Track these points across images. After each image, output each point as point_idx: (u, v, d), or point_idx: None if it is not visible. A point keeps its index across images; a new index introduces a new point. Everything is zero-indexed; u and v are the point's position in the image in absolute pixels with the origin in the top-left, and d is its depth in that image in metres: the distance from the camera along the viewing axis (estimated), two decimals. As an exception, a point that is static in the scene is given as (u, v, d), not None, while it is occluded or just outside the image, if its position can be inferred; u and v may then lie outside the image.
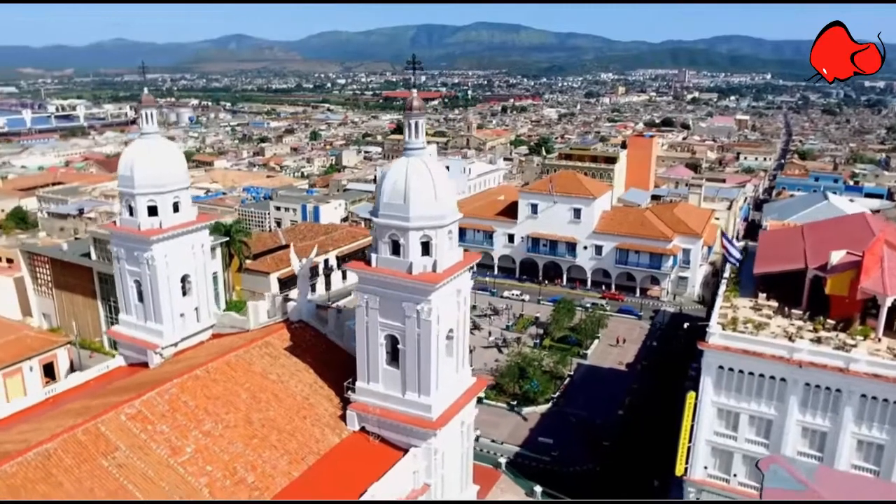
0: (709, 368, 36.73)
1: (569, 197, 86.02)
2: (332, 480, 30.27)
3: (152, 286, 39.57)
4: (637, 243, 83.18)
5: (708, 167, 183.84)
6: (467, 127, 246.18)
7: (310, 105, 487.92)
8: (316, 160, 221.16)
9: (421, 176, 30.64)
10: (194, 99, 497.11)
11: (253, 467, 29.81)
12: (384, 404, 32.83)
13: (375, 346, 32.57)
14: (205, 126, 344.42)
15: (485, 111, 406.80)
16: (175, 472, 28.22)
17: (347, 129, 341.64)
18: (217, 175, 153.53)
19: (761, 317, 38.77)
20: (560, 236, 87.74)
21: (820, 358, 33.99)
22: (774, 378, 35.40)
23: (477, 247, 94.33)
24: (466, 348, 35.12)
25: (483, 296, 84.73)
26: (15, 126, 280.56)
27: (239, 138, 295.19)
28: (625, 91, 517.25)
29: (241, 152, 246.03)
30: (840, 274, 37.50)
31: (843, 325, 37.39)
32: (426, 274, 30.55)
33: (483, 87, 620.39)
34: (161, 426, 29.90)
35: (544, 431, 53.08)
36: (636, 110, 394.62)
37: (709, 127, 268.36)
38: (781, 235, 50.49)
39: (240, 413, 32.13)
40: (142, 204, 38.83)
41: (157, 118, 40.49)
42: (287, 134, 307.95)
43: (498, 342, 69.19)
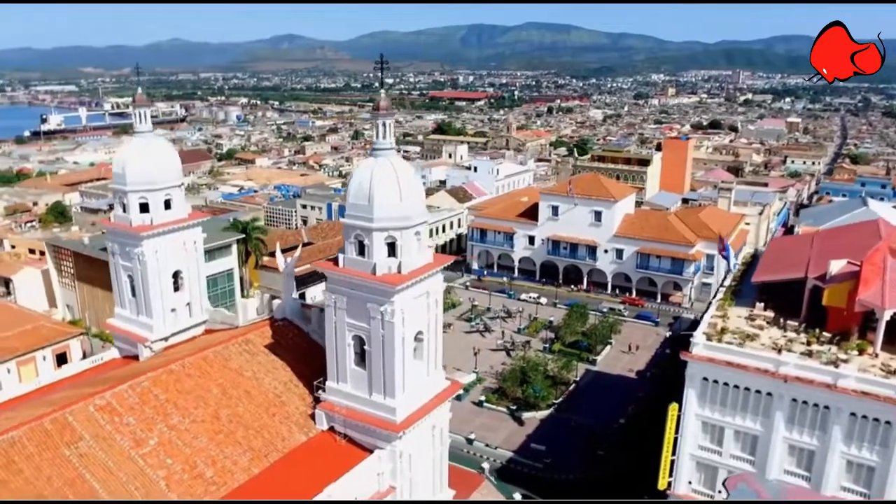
0: (692, 380, 35.42)
1: (590, 199, 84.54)
2: (290, 479, 30.35)
3: (142, 281, 40.48)
4: (658, 248, 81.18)
5: (752, 171, 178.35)
6: (507, 127, 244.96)
7: (356, 104, 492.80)
8: (355, 159, 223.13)
9: (386, 177, 30.43)
10: (244, 98, 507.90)
11: (213, 462, 30.12)
12: (351, 404, 32.79)
13: (343, 347, 32.56)
14: (252, 124, 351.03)
15: (530, 112, 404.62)
16: (135, 463, 28.74)
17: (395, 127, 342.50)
18: (253, 173, 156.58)
19: (754, 327, 37.19)
20: (581, 239, 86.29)
21: (807, 373, 32.37)
22: (760, 392, 33.90)
23: (497, 248, 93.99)
24: (438, 351, 34.75)
25: (499, 298, 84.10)
26: (71, 123, 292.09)
27: (283, 137, 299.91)
28: (675, 92, 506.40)
29: (283, 150, 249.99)
30: (837, 284, 35.71)
31: (839, 339, 35.57)
32: (390, 275, 30.34)
33: (530, 88, 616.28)
34: (128, 418, 30.46)
35: (540, 437, 52.23)
36: (685, 112, 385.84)
37: (757, 129, 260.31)
38: (790, 242, 48.44)
39: (209, 408, 32.50)
40: (133, 201, 39.74)
41: (206, 115, 41.11)
42: (330, 133, 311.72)
43: (506, 345, 68.44)
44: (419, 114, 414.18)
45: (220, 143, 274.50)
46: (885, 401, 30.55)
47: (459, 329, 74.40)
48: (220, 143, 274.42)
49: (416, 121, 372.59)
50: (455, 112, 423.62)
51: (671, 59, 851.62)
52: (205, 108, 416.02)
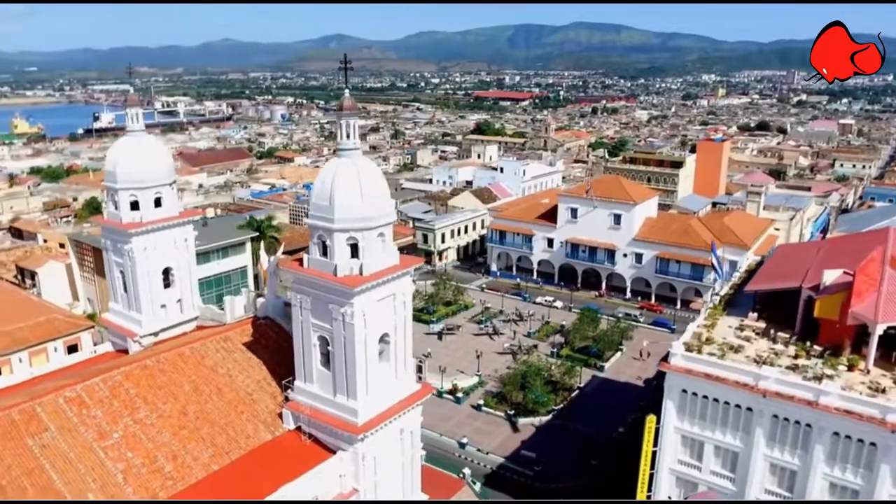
0: (671, 392, 34.22)
1: (609, 202, 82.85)
2: (247, 477, 30.38)
3: (132, 277, 41.24)
4: (678, 252, 78.98)
5: (796, 174, 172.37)
6: (545, 128, 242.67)
7: (400, 104, 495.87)
8: (392, 158, 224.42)
9: (348, 177, 30.20)
10: (290, 97, 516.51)
11: (174, 457, 30.39)
12: (316, 405, 32.70)
13: (309, 347, 32.51)
14: (296, 123, 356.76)
15: (574, 112, 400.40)
16: (95, 455, 29.20)
17: (433, 128, 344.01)
18: (287, 171, 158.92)
19: (741, 338, 35.72)
20: (599, 242, 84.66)
21: (787, 388, 30.85)
22: (740, 407, 32.50)
23: (516, 250, 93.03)
24: (408, 354, 34.34)
25: (514, 300, 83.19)
26: (122, 121, 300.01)
27: (325, 136, 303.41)
28: (725, 93, 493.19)
29: (322, 149, 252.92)
30: (830, 295, 33.96)
31: (830, 353, 33.82)
32: (351, 276, 30.10)
33: (577, 89, 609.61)
34: (96, 411, 31.00)
35: (534, 444, 51.36)
36: (734, 113, 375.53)
37: (807, 131, 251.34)
38: (796, 250, 46.32)
39: (177, 404, 32.82)
40: (124, 198, 40.49)
41: (252, 114, 41.54)
42: (372, 132, 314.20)
43: (513, 348, 67.56)
44: (462, 114, 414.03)
45: (263, 141, 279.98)
46: (869, 421, 28.87)
47: (469, 331, 73.87)
48: (262, 141, 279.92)
49: (458, 121, 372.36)
50: (499, 112, 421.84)
51: (724, 60, 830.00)
52: (251, 107, 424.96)
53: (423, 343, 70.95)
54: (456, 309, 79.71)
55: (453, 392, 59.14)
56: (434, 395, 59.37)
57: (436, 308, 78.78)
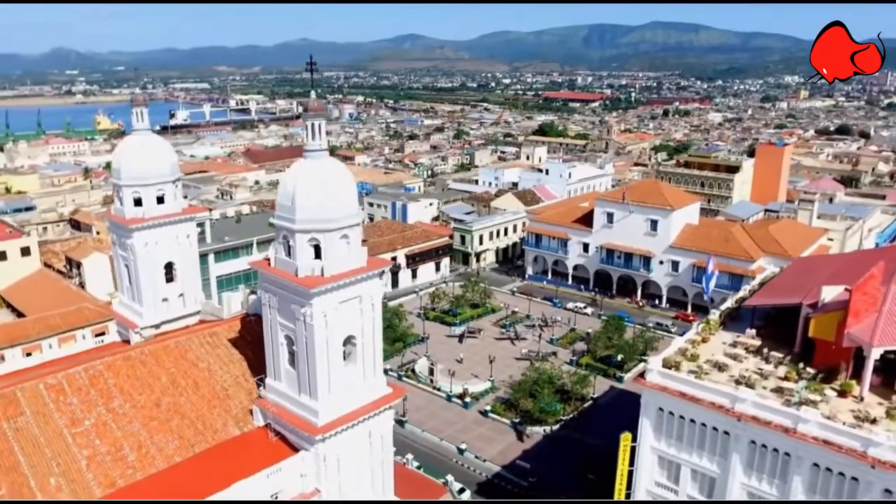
0: (647, 410, 32.68)
1: (645, 207, 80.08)
2: (206, 470, 30.84)
3: (134, 270, 42.71)
4: (716, 261, 75.30)
5: (873, 181, 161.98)
6: (607, 130, 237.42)
7: (469, 104, 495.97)
8: (450, 158, 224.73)
9: (311, 178, 30.25)
10: (360, 96, 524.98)
11: (139, 447, 31.25)
12: (283, 403, 32.96)
13: (277, 346, 32.76)
14: (363, 122, 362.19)
15: (644, 114, 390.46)
16: (63, 441, 30.35)
17: (498, 128, 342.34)
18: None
19: (729, 356, 33.65)
20: (635, 248, 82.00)
21: (764, 413, 28.83)
22: (717, 430, 30.62)
23: (551, 254, 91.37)
24: (377, 356, 34.12)
25: (544, 305, 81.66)
26: (196, 119, 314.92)
27: (390, 135, 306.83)
28: (807, 95, 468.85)
29: (384, 148, 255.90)
30: (825, 314, 31.62)
31: (824, 377, 31.46)
32: (311, 277, 30.11)
33: (650, 90, 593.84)
34: (72, 398, 32.21)
35: (537, 454, 50.21)
36: (815, 116, 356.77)
37: (891, 136, 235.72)
38: (814, 263, 43.32)
39: (152, 395, 33.72)
40: (127, 195, 41.94)
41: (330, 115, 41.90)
42: (436, 132, 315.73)
43: (531, 355, 66.21)
44: (530, 115, 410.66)
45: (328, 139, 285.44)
46: (848, 453, 26.61)
47: (490, 335, 72.98)
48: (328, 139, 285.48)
49: (524, 122, 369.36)
50: (567, 113, 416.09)
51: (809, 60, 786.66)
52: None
53: (444, 346, 70.82)
54: (482, 312, 78.89)
55: (462, 396, 58.50)
56: (443, 399, 59.26)
57: (461, 310, 78.21)
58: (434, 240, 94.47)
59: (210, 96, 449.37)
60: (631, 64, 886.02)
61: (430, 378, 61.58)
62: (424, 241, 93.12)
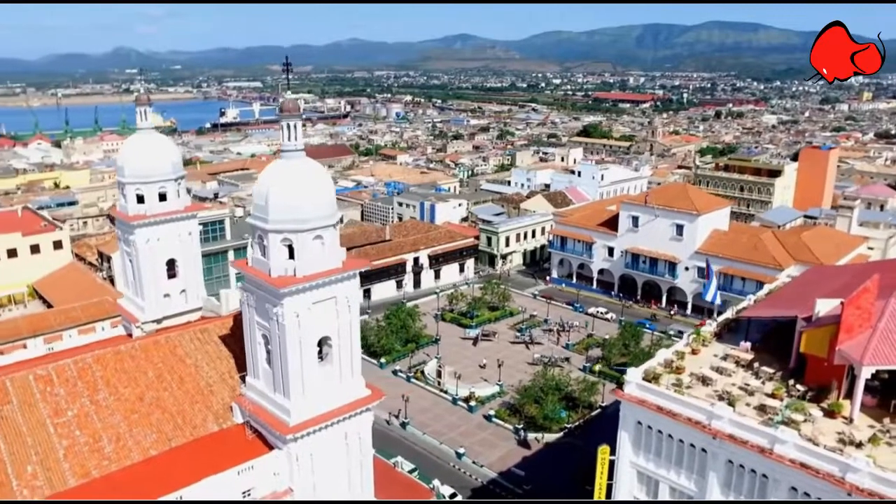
0: (625, 423, 31.60)
1: (671, 211, 77.91)
2: (178, 465, 31.25)
3: (137, 266, 43.77)
4: (743, 269, 72.89)
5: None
6: (651, 131, 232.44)
7: (517, 104, 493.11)
8: (492, 159, 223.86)
9: (285, 179, 30.34)
10: (409, 95, 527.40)
11: (117, 439, 31.94)
12: (259, 401, 33.21)
13: (255, 344, 32.99)
14: (409, 122, 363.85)
15: (695, 116, 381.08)
16: (45, 430, 31.24)
17: (545, 129, 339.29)
18: (377, 169, 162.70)
19: (715, 370, 32.26)
20: (660, 253, 79.88)
21: (741, 431, 27.51)
22: (695, 447, 29.37)
23: (576, 258, 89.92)
24: (355, 358, 33.92)
25: (565, 309, 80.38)
26: (246, 117, 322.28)
27: (435, 134, 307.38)
28: (870, 97, 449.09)
29: (427, 148, 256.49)
30: (817, 329, 30.02)
31: (813, 395, 29.86)
32: (283, 277, 30.20)
33: (703, 91, 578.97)
34: (59, 389, 33.14)
35: (537, 462, 49.42)
36: (877, 118, 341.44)
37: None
38: (825, 273, 41.21)
39: (137, 389, 34.43)
40: (130, 192, 42.96)
41: (369, 111, 39.97)
42: (481, 132, 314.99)
43: (544, 360, 65.15)
44: (577, 115, 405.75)
45: (373, 138, 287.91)
46: (825, 478, 25.14)
47: (505, 338, 72.19)
48: (372, 138, 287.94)
49: (571, 122, 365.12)
50: (616, 114, 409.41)
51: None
52: (369, 105, 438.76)
53: (457, 348, 70.44)
54: (500, 315, 78.15)
55: (467, 400, 58.00)
56: (449, 402, 58.88)
57: (479, 313, 77.63)
58: (458, 241, 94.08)
59: (261, 95, 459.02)
60: (685, 64, 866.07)
61: (438, 380, 61.28)
62: (448, 241, 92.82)
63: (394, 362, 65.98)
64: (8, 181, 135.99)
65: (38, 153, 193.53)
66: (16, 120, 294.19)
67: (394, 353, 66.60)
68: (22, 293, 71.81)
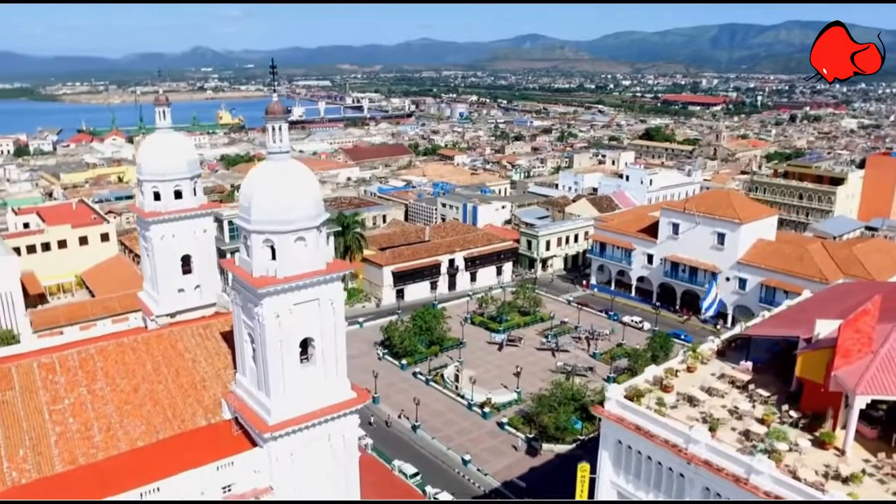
0: (606, 441, 30.45)
1: (712, 219, 74.85)
2: (161, 457, 32.01)
3: (152, 260, 45.25)
4: (787, 281, 69.20)
5: None
6: (716, 136, 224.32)
7: (583, 105, 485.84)
8: (549, 161, 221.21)
9: (268, 180, 30.68)
10: (474, 95, 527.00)
11: (108, 429, 33.07)
12: (245, 398, 33.70)
13: (242, 342, 33.53)
14: (472, 122, 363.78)
15: (769, 119, 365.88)
16: (41, 416, 32.70)
17: (609, 131, 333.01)
18: (429, 169, 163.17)
19: (706, 390, 30.64)
20: (700, 263, 76.90)
21: (717, 458, 26.00)
22: (672, 471, 27.98)
23: (615, 264, 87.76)
24: (340, 360, 33.88)
25: (597, 317, 78.50)
26: (311, 115, 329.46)
27: (496, 135, 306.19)
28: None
29: (485, 149, 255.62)
30: (814, 352, 28.15)
31: (808, 423, 27.99)
32: (263, 277, 30.53)
33: (780, 93, 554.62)
34: (59, 377, 34.66)
35: (544, 473, 48.29)
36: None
37: None
38: (850, 289, 38.46)
39: (133, 381, 35.61)
40: (147, 189, 44.38)
41: (434, 111, 42.00)
42: (543, 133, 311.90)
43: (567, 368, 63.69)
44: (644, 117, 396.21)
45: (434, 138, 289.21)
46: (800, 514, 23.45)
47: (532, 344, 71.02)
48: (433, 138, 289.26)
49: (637, 125, 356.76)
50: (685, 117, 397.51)
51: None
52: (434, 105, 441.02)
53: (482, 352, 69.82)
54: (530, 320, 76.97)
55: (483, 406, 57.33)
56: (465, 407, 58.42)
57: (510, 317, 76.69)
58: (496, 244, 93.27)
59: (329, 93, 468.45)
60: (762, 66, 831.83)
61: (456, 384, 60.87)
62: (486, 244, 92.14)
63: (415, 364, 65.96)
64: (78, 175, 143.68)
65: (111, 148, 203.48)
66: (97, 116, 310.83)
67: (416, 354, 66.58)
68: (70, 282, 75.66)
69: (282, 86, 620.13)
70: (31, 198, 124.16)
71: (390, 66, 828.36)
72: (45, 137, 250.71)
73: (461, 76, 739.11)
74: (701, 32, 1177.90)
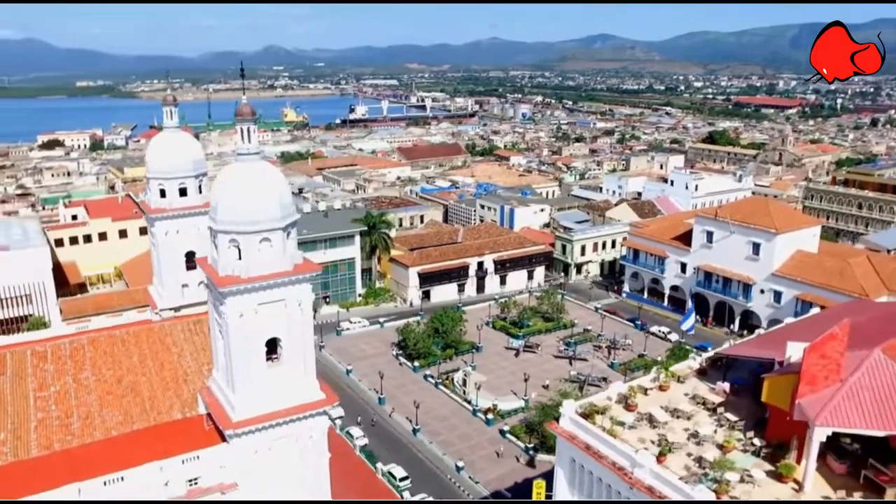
0: (561, 459, 29.48)
1: (747, 228, 71.47)
2: (131, 447, 32.98)
3: (157, 255, 46.88)
4: (824, 296, 65.23)
5: None
6: (782, 140, 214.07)
7: (650, 107, 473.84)
8: (606, 163, 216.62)
9: (236, 181, 31.16)
10: (539, 96, 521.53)
11: (87, 416, 34.43)
12: (217, 394, 34.34)
13: (216, 339, 34.19)
14: (535, 122, 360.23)
15: (847, 123, 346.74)
16: (26, 402, 34.34)
17: (675, 134, 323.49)
18: (478, 170, 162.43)
19: (668, 413, 29.20)
20: (734, 273, 73.60)
21: (659, 484, 24.73)
22: (620, 494, 26.79)
23: (648, 272, 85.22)
24: (308, 361, 34.04)
25: (624, 326, 76.33)
26: (374, 113, 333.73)
27: (558, 136, 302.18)
28: None
29: (543, 150, 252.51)
30: (781, 377, 26.48)
31: (769, 453, 26.30)
32: (227, 277, 31.01)
33: (864, 95, 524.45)
34: (49, 365, 36.33)
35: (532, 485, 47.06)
36: None
37: None
38: (856, 309, 35.79)
39: (117, 372, 36.95)
40: (154, 186, 46.17)
41: (497, 111, 42.14)
42: (604, 135, 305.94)
43: (580, 378, 62.14)
44: (713, 120, 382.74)
45: (493, 139, 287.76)
46: (737, 549, 22.03)
47: (550, 351, 69.64)
48: (493, 139, 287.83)
49: (705, 127, 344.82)
50: (758, 120, 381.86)
51: None
52: (498, 105, 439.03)
53: (498, 358, 69.05)
54: (553, 326, 75.50)
55: (487, 412, 56.60)
56: (469, 412, 57.89)
57: (532, 322, 75.48)
58: (527, 247, 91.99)
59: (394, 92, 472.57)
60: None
61: (464, 389, 60.34)
62: (517, 247, 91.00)
63: (428, 367, 65.76)
64: (140, 169, 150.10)
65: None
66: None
67: (430, 357, 66.38)
68: (109, 273, 79.17)
69: (349, 84, 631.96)
70: (94, 190, 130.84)
71: (458, 65, 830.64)
72: (119, 133, 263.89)
73: (528, 76, 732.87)
74: (780, 32, 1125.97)
